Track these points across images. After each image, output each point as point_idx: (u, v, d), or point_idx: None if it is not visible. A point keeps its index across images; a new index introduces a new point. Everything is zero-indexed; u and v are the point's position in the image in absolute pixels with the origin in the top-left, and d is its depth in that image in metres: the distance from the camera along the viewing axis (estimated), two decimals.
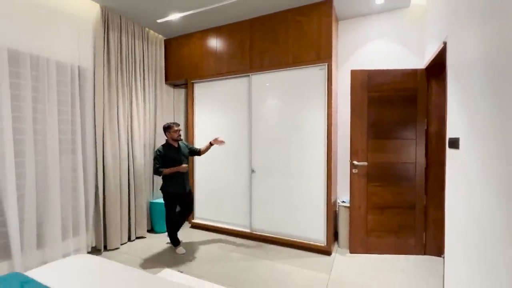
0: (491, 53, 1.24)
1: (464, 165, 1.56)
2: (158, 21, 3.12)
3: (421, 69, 2.60)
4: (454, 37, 1.76)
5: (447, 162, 1.85)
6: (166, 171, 2.57)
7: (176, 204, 2.73)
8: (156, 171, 2.58)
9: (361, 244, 2.69)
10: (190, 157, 3.02)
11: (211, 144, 2.88)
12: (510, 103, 1.06)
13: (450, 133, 1.81)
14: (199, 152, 2.93)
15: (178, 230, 2.79)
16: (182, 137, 4.03)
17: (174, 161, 2.63)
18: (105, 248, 2.78)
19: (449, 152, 1.80)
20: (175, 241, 2.76)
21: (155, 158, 2.62)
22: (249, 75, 3.05)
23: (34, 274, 1.42)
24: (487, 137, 1.25)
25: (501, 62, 1.14)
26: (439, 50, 2.08)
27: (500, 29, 1.15)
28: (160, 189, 2.72)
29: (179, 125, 2.76)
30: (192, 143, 3.45)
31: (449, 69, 1.84)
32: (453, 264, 1.74)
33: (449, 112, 1.83)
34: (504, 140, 1.10)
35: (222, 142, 2.88)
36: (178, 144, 2.75)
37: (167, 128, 2.70)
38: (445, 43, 1.92)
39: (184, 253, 2.69)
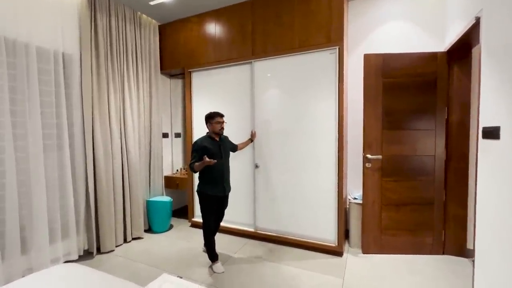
0: None
1: (504, 158, 1.35)
2: (151, 3, 2.85)
3: (442, 52, 2.36)
4: (491, 11, 1.53)
5: (479, 154, 1.64)
6: (196, 164, 2.15)
7: (214, 209, 2.32)
8: (190, 167, 2.22)
9: (375, 243, 2.49)
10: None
11: (251, 140, 2.79)
12: None
13: (484, 122, 1.58)
14: (235, 148, 2.61)
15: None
16: (180, 129, 3.87)
17: (213, 156, 2.19)
18: (98, 251, 2.57)
19: (484, 143, 1.58)
20: (212, 255, 2.31)
21: (192, 152, 2.26)
22: (251, 62, 2.79)
23: None
24: None
25: None
26: (467, 28, 1.84)
27: None
28: (197, 191, 2.32)
29: (223, 116, 2.36)
30: (191, 137, 3.22)
31: (484, 49, 1.60)
32: (485, 267, 1.55)
33: (483, 98, 1.61)
34: None
35: (254, 135, 2.82)
36: (220, 138, 2.37)
37: (208, 118, 2.32)
38: (477, 19, 1.68)
39: (223, 272, 2.23)
